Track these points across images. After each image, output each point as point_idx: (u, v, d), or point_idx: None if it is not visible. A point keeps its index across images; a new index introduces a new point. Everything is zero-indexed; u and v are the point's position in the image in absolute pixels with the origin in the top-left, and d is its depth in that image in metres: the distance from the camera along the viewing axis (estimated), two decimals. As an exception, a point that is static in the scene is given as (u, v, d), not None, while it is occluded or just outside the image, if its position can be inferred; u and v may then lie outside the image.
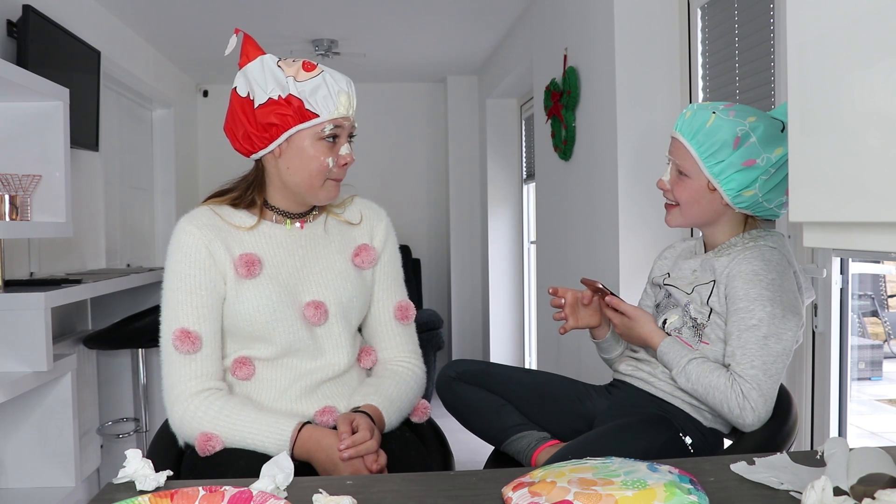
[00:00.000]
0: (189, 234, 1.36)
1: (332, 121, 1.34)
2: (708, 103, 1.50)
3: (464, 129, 5.57)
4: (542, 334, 3.96)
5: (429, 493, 1.05)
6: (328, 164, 1.36)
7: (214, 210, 1.41)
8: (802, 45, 0.92)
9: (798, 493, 1.00)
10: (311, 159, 1.35)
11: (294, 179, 1.38)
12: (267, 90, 1.33)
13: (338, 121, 1.35)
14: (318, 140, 1.34)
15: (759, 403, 1.37)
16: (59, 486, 2.44)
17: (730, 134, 1.42)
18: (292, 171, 1.37)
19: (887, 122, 0.78)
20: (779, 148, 1.41)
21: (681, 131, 1.49)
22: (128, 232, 4.33)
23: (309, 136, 1.34)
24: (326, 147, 1.35)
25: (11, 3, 2.72)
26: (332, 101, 1.33)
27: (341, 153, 1.38)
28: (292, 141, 1.35)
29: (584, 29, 2.92)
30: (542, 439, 1.59)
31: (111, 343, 3.00)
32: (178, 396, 1.33)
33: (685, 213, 1.52)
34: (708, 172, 1.45)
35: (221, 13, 3.88)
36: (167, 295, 1.36)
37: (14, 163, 2.39)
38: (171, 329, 1.34)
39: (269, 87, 1.33)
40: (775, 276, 1.41)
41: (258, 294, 1.36)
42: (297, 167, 1.36)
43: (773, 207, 1.47)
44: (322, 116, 1.33)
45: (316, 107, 1.32)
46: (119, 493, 1.04)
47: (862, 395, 3.04)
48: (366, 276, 1.49)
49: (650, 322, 1.54)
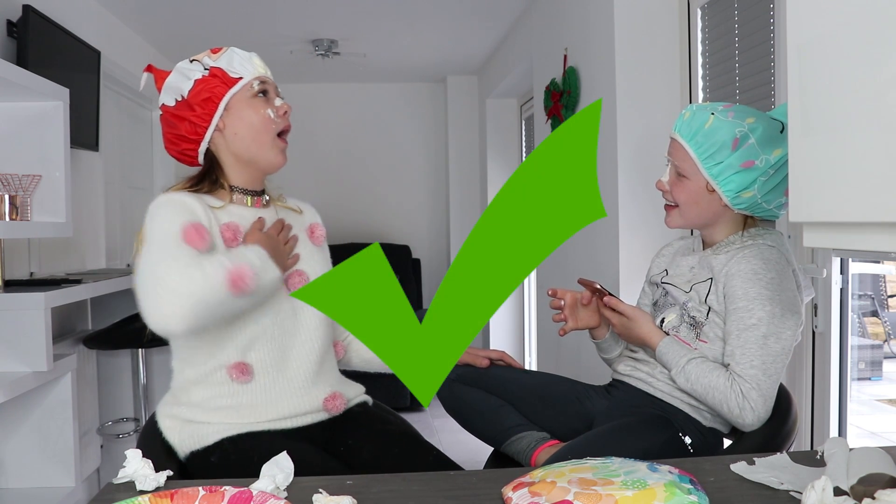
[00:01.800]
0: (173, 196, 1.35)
1: (256, 78, 1.43)
2: (707, 104, 1.50)
3: (464, 129, 5.57)
4: (542, 334, 3.96)
5: (429, 493, 1.05)
6: (269, 115, 1.43)
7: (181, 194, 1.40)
8: (802, 45, 0.92)
9: (798, 493, 1.00)
10: (252, 115, 1.42)
11: (244, 143, 1.43)
12: (191, 77, 1.41)
13: (261, 77, 1.44)
14: (252, 98, 1.42)
15: (759, 403, 1.37)
16: (59, 486, 2.44)
17: (728, 135, 1.42)
18: (240, 136, 1.42)
19: (887, 122, 0.78)
20: (778, 149, 1.41)
21: (679, 132, 1.49)
22: (128, 232, 4.33)
23: (242, 98, 1.42)
24: (261, 102, 1.43)
25: (11, 3, 2.72)
26: (249, 63, 1.43)
27: (277, 103, 1.45)
28: (230, 109, 1.41)
29: (584, 29, 2.92)
30: (541, 439, 1.59)
31: (111, 343, 3.00)
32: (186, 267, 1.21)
33: (684, 214, 1.52)
34: (706, 174, 1.45)
35: (221, 13, 3.88)
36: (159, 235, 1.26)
37: (14, 163, 2.39)
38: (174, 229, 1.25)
39: (192, 74, 1.41)
40: (774, 275, 1.41)
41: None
42: (242, 130, 1.42)
43: (773, 208, 1.47)
44: (246, 77, 1.42)
45: (237, 71, 1.41)
46: (119, 493, 1.04)
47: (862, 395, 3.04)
48: (321, 252, 1.57)
49: (649, 322, 1.54)
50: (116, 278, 2.91)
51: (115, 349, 3.29)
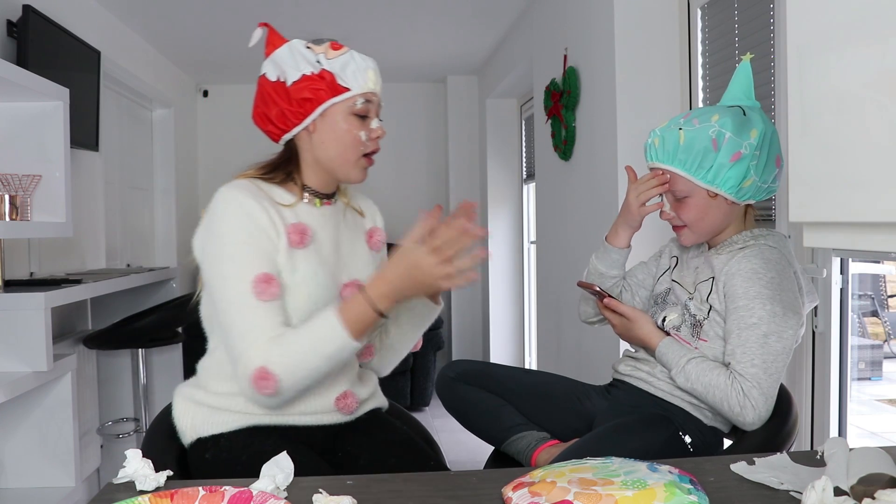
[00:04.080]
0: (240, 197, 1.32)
1: (362, 94, 1.38)
2: (665, 125, 1.50)
3: (464, 129, 5.57)
4: (542, 334, 3.96)
5: (429, 493, 1.05)
6: (361, 138, 1.39)
7: (254, 182, 1.39)
8: (802, 45, 0.92)
9: (798, 493, 1.00)
10: (345, 133, 1.38)
11: (328, 154, 1.39)
12: (299, 68, 1.36)
13: (367, 95, 1.39)
14: (350, 114, 1.37)
15: (760, 402, 1.37)
16: (59, 486, 2.44)
17: (705, 140, 1.43)
18: (326, 146, 1.39)
19: (887, 122, 0.78)
20: (753, 130, 1.42)
21: (658, 160, 1.49)
22: (128, 232, 4.33)
23: (341, 110, 1.37)
24: (358, 122, 1.38)
25: (11, 3, 2.72)
26: (362, 75, 1.37)
27: (373, 126, 1.41)
28: (326, 115, 1.37)
29: (584, 29, 2.92)
30: (541, 439, 1.59)
31: (111, 343, 3.00)
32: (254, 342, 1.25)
33: (696, 230, 1.51)
34: (703, 183, 1.45)
35: (221, 14, 3.88)
36: (230, 250, 1.29)
37: (14, 163, 2.39)
38: (247, 277, 1.27)
39: (301, 65, 1.36)
40: (774, 275, 1.41)
41: (308, 265, 1.35)
42: (331, 141, 1.38)
43: (770, 185, 1.47)
44: (353, 90, 1.36)
45: (347, 81, 1.36)
46: (119, 493, 1.04)
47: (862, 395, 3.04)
48: (377, 259, 1.53)
49: (649, 322, 1.54)
50: (116, 278, 2.91)
51: (115, 349, 3.29)
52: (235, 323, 1.27)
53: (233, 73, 5.26)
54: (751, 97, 1.50)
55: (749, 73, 1.51)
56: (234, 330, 1.27)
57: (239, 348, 1.26)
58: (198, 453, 1.36)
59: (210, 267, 1.32)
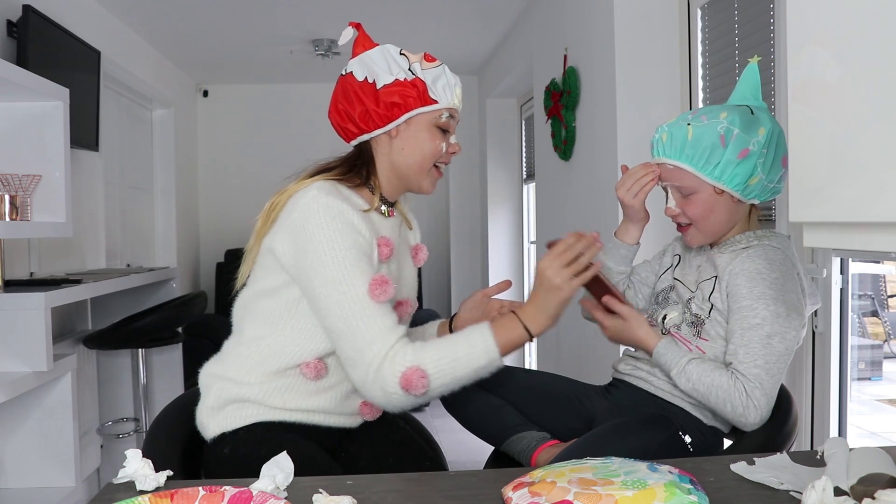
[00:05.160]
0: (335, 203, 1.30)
1: (448, 109, 1.40)
2: (674, 120, 1.50)
3: (464, 129, 5.57)
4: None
5: (429, 493, 1.05)
6: (441, 149, 1.41)
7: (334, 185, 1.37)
8: (802, 45, 0.92)
9: (798, 493, 1.00)
10: (426, 142, 1.39)
11: (407, 161, 1.40)
12: (392, 73, 1.37)
13: (452, 111, 1.41)
14: (434, 126, 1.40)
15: (763, 403, 1.37)
16: (59, 486, 2.44)
17: (714, 136, 1.43)
18: (406, 153, 1.40)
19: (887, 122, 0.78)
20: (760, 128, 1.42)
21: (665, 155, 1.49)
22: (128, 232, 4.33)
23: (427, 120, 1.39)
24: (440, 134, 1.41)
25: (11, 3, 2.72)
26: (451, 91, 1.40)
27: (451, 141, 1.44)
28: (411, 123, 1.39)
29: (584, 29, 2.92)
30: (542, 439, 1.59)
31: (111, 343, 3.00)
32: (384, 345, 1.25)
33: (702, 228, 1.51)
34: (710, 179, 1.45)
35: (221, 13, 3.88)
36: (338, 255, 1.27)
37: (14, 163, 2.39)
38: (363, 281, 1.27)
39: (394, 70, 1.37)
40: (778, 276, 1.41)
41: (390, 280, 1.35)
42: (411, 148, 1.40)
43: (776, 185, 1.47)
44: (441, 104, 1.39)
45: (437, 94, 1.38)
46: (119, 493, 1.04)
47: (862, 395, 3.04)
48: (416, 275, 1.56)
49: (645, 324, 1.54)
50: (116, 278, 2.91)
51: (115, 349, 3.29)
52: (359, 328, 1.26)
53: (233, 73, 5.26)
54: (758, 98, 1.50)
55: (756, 75, 1.51)
56: (358, 334, 1.26)
57: (370, 352, 1.25)
58: (217, 449, 1.36)
59: (312, 272, 1.28)
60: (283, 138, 5.37)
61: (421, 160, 1.40)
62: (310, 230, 1.28)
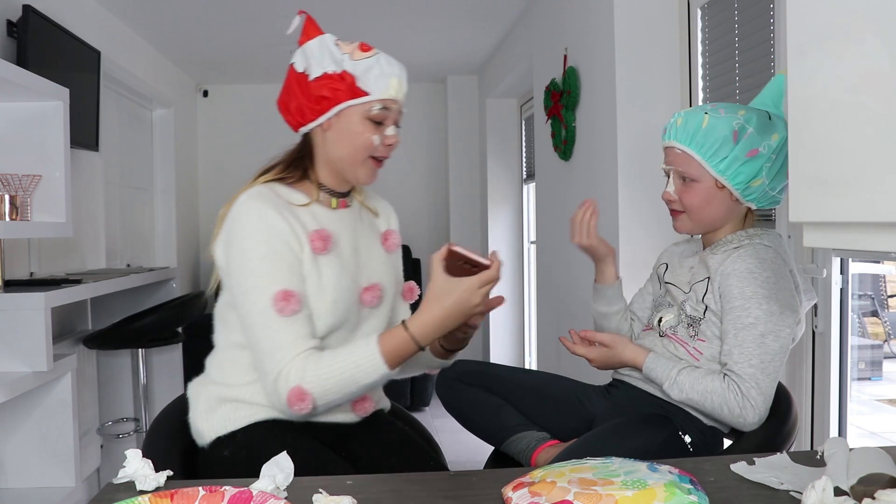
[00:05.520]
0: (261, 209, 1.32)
1: (381, 101, 1.38)
2: (694, 108, 1.51)
3: (464, 129, 5.57)
4: (542, 334, 3.96)
5: (429, 493, 1.05)
6: (373, 142, 1.39)
7: (270, 188, 1.39)
8: (802, 45, 0.92)
9: (798, 493, 1.00)
10: (357, 135, 1.38)
11: (339, 153, 1.40)
12: (322, 65, 1.36)
13: (386, 102, 1.39)
14: (366, 118, 1.38)
15: (760, 401, 1.37)
16: (59, 486, 2.44)
17: (727, 129, 1.43)
18: (338, 145, 1.39)
19: (887, 122, 0.78)
20: (775, 134, 1.43)
21: (677, 139, 1.49)
22: (128, 232, 4.33)
23: (357, 112, 1.37)
24: (373, 126, 1.39)
25: (11, 3, 2.72)
26: (384, 81, 1.37)
27: (387, 133, 1.41)
28: (341, 116, 1.38)
29: (584, 29, 2.92)
30: (541, 439, 1.59)
31: (111, 343, 3.00)
32: (282, 360, 1.27)
33: (695, 219, 1.51)
34: (714, 171, 1.45)
35: (221, 13, 3.88)
36: (252, 265, 1.29)
37: (14, 163, 2.39)
38: (268, 294, 1.28)
39: (325, 62, 1.36)
40: (770, 275, 1.41)
41: (330, 273, 1.36)
42: (343, 141, 1.39)
43: (776, 194, 1.48)
44: (372, 95, 1.37)
45: (367, 85, 1.36)
46: (119, 493, 1.04)
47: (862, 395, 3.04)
48: (393, 261, 1.54)
49: (629, 343, 1.54)
50: (116, 278, 2.91)
51: (115, 349, 3.29)
52: (261, 340, 1.29)
53: (233, 73, 5.26)
54: (779, 107, 1.50)
55: (782, 86, 1.50)
56: (260, 346, 1.29)
57: (268, 366, 1.28)
58: (216, 453, 1.36)
59: (233, 280, 1.32)
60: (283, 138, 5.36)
61: (352, 153, 1.39)
62: (234, 240, 1.32)
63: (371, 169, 1.42)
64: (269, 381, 1.28)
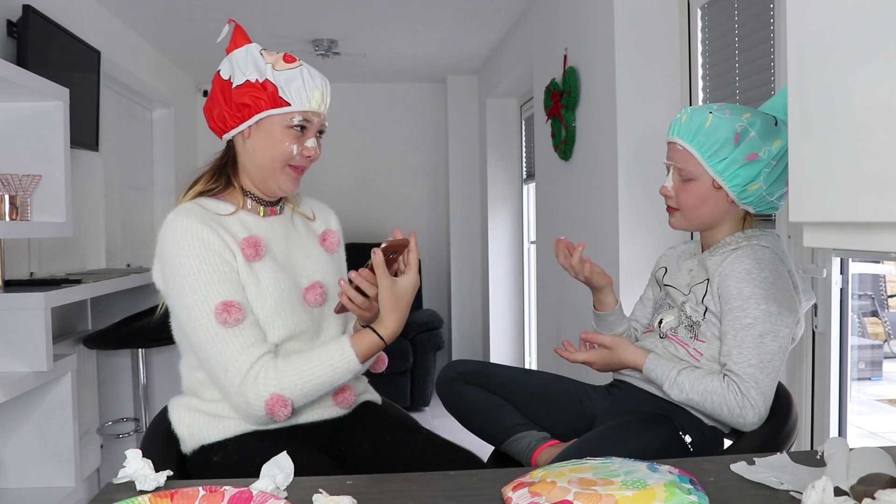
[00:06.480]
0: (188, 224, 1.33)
1: (301, 112, 1.38)
2: (701, 106, 1.51)
3: (464, 129, 5.57)
4: (542, 334, 3.96)
5: (429, 493, 1.05)
6: (292, 151, 1.40)
7: (196, 202, 1.41)
8: (802, 45, 0.92)
9: (798, 493, 1.00)
10: (277, 143, 1.39)
11: (258, 161, 1.41)
12: (246, 73, 1.38)
13: (307, 114, 1.39)
14: (287, 128, 1.39)
15: (759, 401, 1.37)
16: (59, 486, 2.44)
17: (729, 131, 1.43)
18: (257, 153, 1.40)
19: (887, 122, 0.78)
20: (777, 140, 1.43)
21: (679, 135, 1.49)
22: (128, 232, 4.33)
23: (278, 122, 1.38)
24: (294, 136, 1.39)
25: (11, 3, 2.72)
26: (306, 94, 1.38)
27: (307, 145, 1.41)
28: (262, 124, 1.39)
29: (584, 29, 2.92)
30: (542, 439, 1.59)
31: (111, 343, 3.00)
32: (239, 371, 1.28)
33: (689, 217, 1.51)
34: (712, 171, 1.45)
35: (221, 13, 3.88)
36: (188, 282, 1.30)
37: (14, 163, 2.39)
38: (208, 308, 1.29)
39: (249, 70, 1.38)
40: (768, 275, 1.41)
41: (268, 276, 1.37)
42: (262, 149, 1.40)
43: (774, 200, 1.47)
44: (293, 106, 1.37)
45: (289, 96, 1.37)
46: (119, 493, 1.04)
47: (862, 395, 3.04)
48: (335, 260, 1.55)
49: (629, 345, 1.54)
50: (116, 278, 2.91)
51: (115, 349, 3.29)
52: (213, 356, 1.30)
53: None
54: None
55: None
56: (212, 363, 1.30)
57: (225, 381, 1.29)
58: (203, 458, 1.36)
59: (174, 301, 1.34)
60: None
61: (270, 161, 1.40)
62: (167, 260, 1.33)
63: (290, 177, 1.43)
64: (233, 395, 1.30)
